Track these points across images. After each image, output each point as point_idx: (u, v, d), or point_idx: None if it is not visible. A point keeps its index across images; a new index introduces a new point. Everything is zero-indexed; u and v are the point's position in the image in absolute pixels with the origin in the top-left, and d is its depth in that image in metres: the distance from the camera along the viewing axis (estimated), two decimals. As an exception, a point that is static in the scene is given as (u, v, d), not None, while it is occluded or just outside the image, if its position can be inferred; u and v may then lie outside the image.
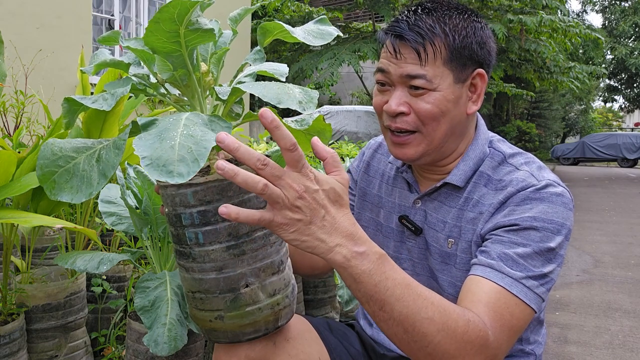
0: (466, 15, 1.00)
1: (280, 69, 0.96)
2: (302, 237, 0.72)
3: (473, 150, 1.05)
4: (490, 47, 1.03)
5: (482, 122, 1.10)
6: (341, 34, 0.99)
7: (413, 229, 1.08)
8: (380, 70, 1.01)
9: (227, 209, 0.68)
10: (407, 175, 1.12)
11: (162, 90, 0.94)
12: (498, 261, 0.90)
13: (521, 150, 1.07)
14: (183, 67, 0.87)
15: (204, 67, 0.92)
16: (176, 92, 0.95)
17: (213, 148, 0.89)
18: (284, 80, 0.93)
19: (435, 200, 1.07)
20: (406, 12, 1.01)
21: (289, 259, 0.97)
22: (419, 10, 0.99)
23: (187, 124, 0.75)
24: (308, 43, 0.92)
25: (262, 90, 0.80)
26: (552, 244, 0.91)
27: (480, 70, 1.01)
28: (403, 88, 0.98)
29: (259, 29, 0.94)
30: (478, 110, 1.06)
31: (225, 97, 0.84)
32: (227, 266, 0.86)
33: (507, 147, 1.07)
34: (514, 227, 0.93)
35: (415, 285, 0.79)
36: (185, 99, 0.93)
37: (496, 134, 1.12)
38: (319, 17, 1.00)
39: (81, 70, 0.95)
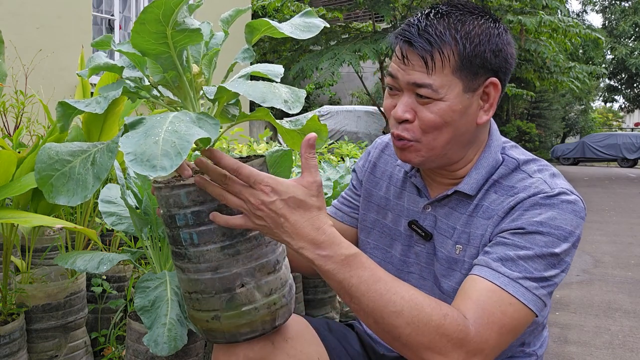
0: (482, 21, 0.95)
1: (275, 69, 0.96)
2: (271, 236, 0.85)
3: (485, 159, 1.03)
4: (508, 54, 0.97)
5: (495, 128, 1.07)
6: (327, 25, 0.97)
7: (423, 234, 1.07)
8: (389, 74, 0.99)
9: (214, 216, 0.84)
10: (416, 180, 1.11)
11: (155, 93, 0.94)
12: (497, 261, 0.90)
13: (535, 157, 1.05)
14: (173, 68, 0.88)
15: (195, 68, 0.92)
16: (169, 94, 0.95)
17: (205, 149, 0.90)
18: (278, 81, 0.93)
19: (445, 206, 1.06)
20: (419, 15, 0.98)
21: (286, 259, 0.97)
22: (432, 15, 0.96)
23: (174, 121, 0.76)
24: (295, 37, 0.91)
25: (247, 89, 0.80)
26: (557, 250, 0.90)
27: (494, 79, 0.96)
28: (410, 94, 0.96)
29: (246, 27, 0.93)
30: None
31: (212, 97, 0.84)
32: (222, 266, 0.86)
33: (520, 154, 1.05)
34: (520, 231, 0.92)
35: (386, 280, 0.84)
36: (178, 100, 0.93)
37: (509, 140, 1.10)
38: (305, 11, 1.00)
39: (77, 74, 0.96)
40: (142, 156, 0.69)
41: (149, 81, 0.93)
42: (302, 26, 0.94)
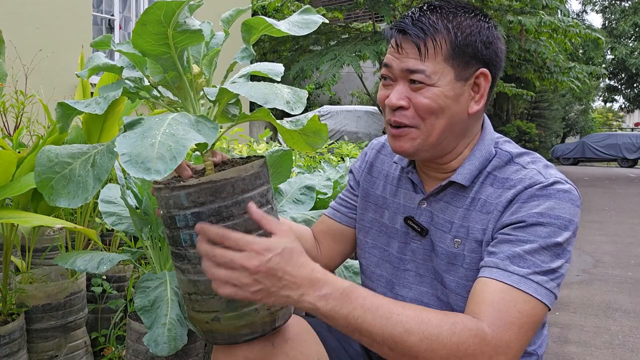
0: (473, 14, 1.01)
1: (276, 68, 0.96)
2: (269, 299, 0.82)
3: (479, 150, 1.05)
4: (498, 49, 1.02)
5: (488, 122, 1.10)
6: (326, 21, 0.98)
7: (419, 230, 1.08)
8: (385, 64, 1.02)
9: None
10: (413, 176, 1.12)
11: (155, 93, 0.94)
12: (504, 260, 0.91)
13: (527, 150, 1.07)
14: (174, 69, 0.87)
15: (195, 69, 0.92)
16: (169, 94, 0.95)
17: (206, 150, 0.90)
18: (278, 80, 0.93)
19: (441, 200, 1.07)
20: (413, 9, 1.02)
21: None
22: (425, 7, 1.01)
23: (172, 123, 0.76)
24: (293, 34, 0.91)
25: (249, 90, 0.80)
26: (560, 239, 0.91)
27: (484, 70, 1.00)
28: (404, 83, 0.99)
29: (242, 26, 0.93)
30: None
31: (213, 98, 0.84)
32: None
33: (513, 147, 1.07)
34: (521, 224, 0.93)
35: (387, 304, 0.84)
36: (178, 100, 0.93)
37: (502, 135, 1.12)
38: (303, 8, 0.99)
39: (76, 74, 0.96)
40: (136, 158, 0.69)
41: (148, 81, 0.92)
42: (300, 23, 0.94)
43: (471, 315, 0.87)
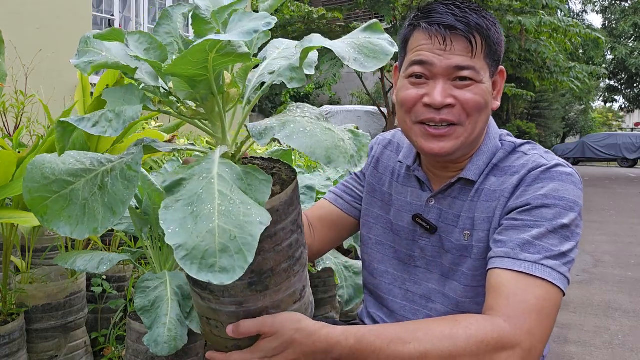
0: (490, 15, 1.03)
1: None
2: None
3: (486, 146, 1.06)
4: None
5: (491, 118, 1.11)
6: (397, 49, 0.81)
7: (428, 227, 1.08)
8: (419, 62, 0.99)
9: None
10: (420, 174, 1.12)
11: (178, 105, 0.82)
12: (515, 249, 0.91)
13: (528, 140, 1.09)
14: (207, 89, 0.76)
15: (227, 77, 0.81)
16: (191, 103, 0.83)
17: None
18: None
19: (449, 197, 1.08)
20: (442, 6, 1.00)
21: (307, 278, 0.91)
22: (458, 3, 1.00)
23: (221, 189, 0.62)
24: (359, 69, 0.73)
25: (309, 143, 0.64)
26: (566, 221, 0.92)
27: (502, 67, 1.04)
28: (446, 80, 0.98)
29: (302, 52, 0.77)
30: None
31: (264, 145, 0.69)
32: (247, 301, 0.79)
33: (516, 139, 1.10)
34: (526, 207, 0.94)
35: (397, 334, 0.83)
36: (202, 112, 0.82)
37: (504, 130, 1.14)
38: (370, 23, 0.79)
39: (71, 61, 0.80)
40: (195, 252, 0.56)
41: (170, 92, 0.80)
42: (368, 50, 0.75)
43: (489, 310, 0.87)
